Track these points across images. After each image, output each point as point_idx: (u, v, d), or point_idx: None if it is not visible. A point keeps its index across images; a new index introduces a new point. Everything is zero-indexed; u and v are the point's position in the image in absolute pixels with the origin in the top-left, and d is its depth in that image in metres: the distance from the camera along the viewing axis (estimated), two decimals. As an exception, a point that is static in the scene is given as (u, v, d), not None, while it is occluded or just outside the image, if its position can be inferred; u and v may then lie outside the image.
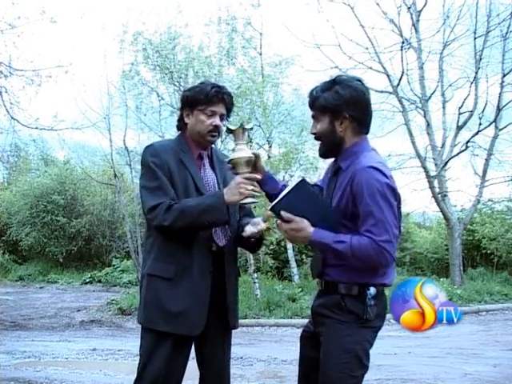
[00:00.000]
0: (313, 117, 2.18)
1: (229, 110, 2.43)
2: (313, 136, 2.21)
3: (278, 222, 2.10)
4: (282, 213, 2.06)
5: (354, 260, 1.99)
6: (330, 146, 2.16)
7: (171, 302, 2.26)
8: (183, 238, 2.29)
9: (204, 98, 2.34)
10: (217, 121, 2.35)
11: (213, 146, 2.55)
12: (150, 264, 2.35)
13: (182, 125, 2.44)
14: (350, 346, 2.02)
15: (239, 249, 2.47)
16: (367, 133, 2.17)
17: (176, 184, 2.30)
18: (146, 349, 2.29)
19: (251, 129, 2.21)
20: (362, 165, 2.03)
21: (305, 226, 2.05)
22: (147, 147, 2.43)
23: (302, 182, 2.11)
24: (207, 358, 2.39)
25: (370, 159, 2.05)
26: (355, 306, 2.04)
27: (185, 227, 2.24)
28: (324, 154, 2.22)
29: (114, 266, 16.35)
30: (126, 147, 12.68)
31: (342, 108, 2.06)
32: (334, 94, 2.07)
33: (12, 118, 9.05)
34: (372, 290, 2.06)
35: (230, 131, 2.24)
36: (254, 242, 2.38)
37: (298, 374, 2.28)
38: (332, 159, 2.27)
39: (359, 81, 2.13)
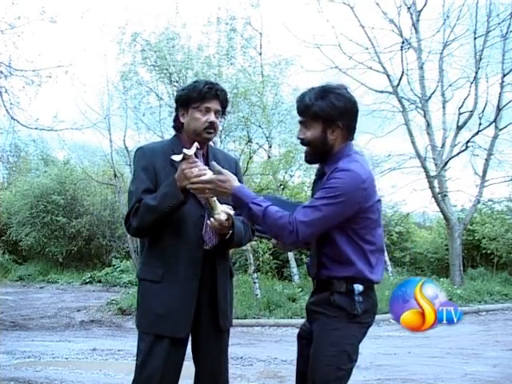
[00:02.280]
0: (301, 122, 2.18)
1: (224, 106, 2.42)
2: (299, 141, 2.21)
3: (208, 176, 2.13)
4: (213, 163, 2.19)
5: (262, 223, 2.05)
6: (319, 153, 2.16)
7: (158, 305, 2.28)
8: (170, 241, 2.29)
9: (197, 95, 2.34)
10: (212, 117, 2.34)
11: (211, 144, 2.55)
12: (141, 268, 2.43)
13: (177, 125, 2.45)
14: (338, 340, 2.07)
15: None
16: (353, 139, 2.21)
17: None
18: (142, 351, 2.30)
19: (198, 148, 2.23)
20: (337, 166, 2.07)
21: (232, 179, 2.12)
22: (137, 150, 2.46)
23: (269, 197, 2.29)
24: (202, 358, 2.39)
25: (347, 163, 2.08)
26: (344, 301, 2.09)
27: (153, 221, 2.24)
28: (311, 160, 2.24)
29: (113, 266, 16.36)
30: (125, 147, 12.71)
31: (336, 118, 2.08)
32: (330, 103, 2.07)
33: (12, 118, 9.05)
34: (359, 287, 2.09)
35: (184, 157, 2.17)
36: (226, 237, 2.34)
37: (296, 372, 2.31)
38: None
39: (345, 89, 2.15)
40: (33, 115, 9.30)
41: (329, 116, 2.08)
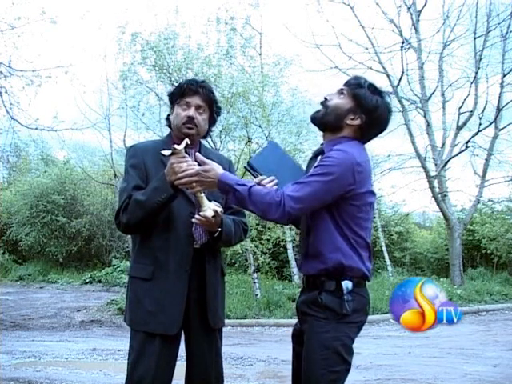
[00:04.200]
0: (339, 89, 2.19)
1: (209, 103, 2.41)
2: (323, 98, 2.20)
3: (194, 169, 2.13)
4: (197, 154, 2.20)
5: (249, 203, 2.03)
6: (328, 121, 2.16)
7: (148, 302, 2.28)
8: (160, 239, 2.29)
9: (178, 91, 2.39)
10: (190, 112, 2.35)
11: (203, 142, 2.54)
12: (131, 266, 2.42)
13: (169, 123, 2.49)
14: (329, 342, 2.04)
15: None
16: (363, 143, 2.21)
17: None
18: (134, 350, 2.30)
19: (187, 144, 2.24)
20: (335, 147, 2.10)
21: (216, 167, 2.12)
22: (128, 148, 2.49)
23: (273, 143, 2.31)
24: (193, 357, 2.38)
25: (345, 146, 2.10)
26: (332, 301, 2.06)
27: (143, 217, 2.24)
28: (317, 118, 2.20)
29: (114, 266, 16.35)
30: (125, 147, 12.69)
31: (366, 112, 2.13)
32: (374, 100, 2.13)
33: (12, 118, 9.04)
34: (349, 284, 2.06)
35: (174, 151, 2.18)
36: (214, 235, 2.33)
37: (292, 372, 2.30)
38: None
39: (390, 109, 2.21)
40: (33, 115, 9.31)
41: (363, 105, 2.12)
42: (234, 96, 10.03)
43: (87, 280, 16.08)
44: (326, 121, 2.17)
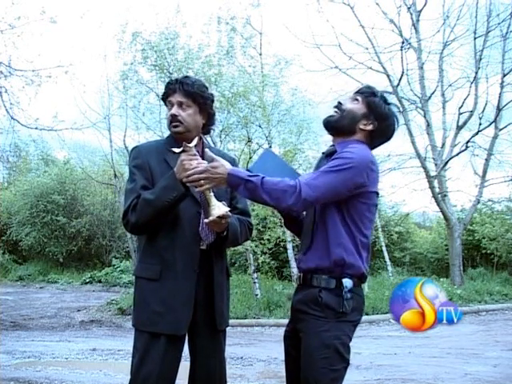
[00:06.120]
0: (353, 97, 2.27)
1: (192, 98, 2.33)
2: (337, 102, 2.27)
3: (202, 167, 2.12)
4: (206, 150, 2.20)
5: (262, 192, 2.03)
6: (343, 125, 2.22)
7: (156, 303, 2.25)
8: (167, 238, 2.27)
9: (163, 93, 2.41)
10: (172, 110, 2.34)
11: (206, 142, 2.52)
12: (137, 266, 2.39)
13: None
14: (329, 341, 2.05)
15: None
16: (371, 149, 2.28)
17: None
18: (139, 350, 2.28)
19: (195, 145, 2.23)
20: (349, 146, 2.17)
21: (225, 163, 2.12)
22: (132, 149, 2.48)
23: (268, 150, 2.38)
24: (197, 358, 2.36)
25: (359, 146, 2.17)
26: (332, 299, 2.07)
27: (152, 216, 2.22)
28: (331, 122, 2.25)
29: (113, 266, 16.37)
30: (125, 147, 12.70)
31: (378, 119, 2.22)
32: (387, 109, 2.24)
33: (12, 118, 9.03)
34: (348, 283, 2.08)
35: (184, 149, 2.18)
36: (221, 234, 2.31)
37: (286, 374, 2.30)
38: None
39: (397, 122, 2.32)
40: (33, 115, 9.30)
41: (377, 112, 2.21)
42: (234, 96, 10.04)
43: (87, 280, 16.10)
44: (341, 125, 2.22)
